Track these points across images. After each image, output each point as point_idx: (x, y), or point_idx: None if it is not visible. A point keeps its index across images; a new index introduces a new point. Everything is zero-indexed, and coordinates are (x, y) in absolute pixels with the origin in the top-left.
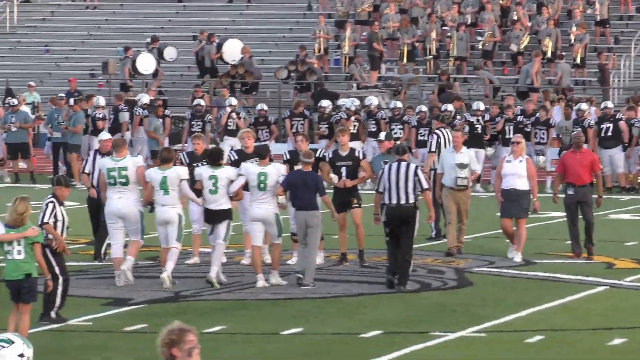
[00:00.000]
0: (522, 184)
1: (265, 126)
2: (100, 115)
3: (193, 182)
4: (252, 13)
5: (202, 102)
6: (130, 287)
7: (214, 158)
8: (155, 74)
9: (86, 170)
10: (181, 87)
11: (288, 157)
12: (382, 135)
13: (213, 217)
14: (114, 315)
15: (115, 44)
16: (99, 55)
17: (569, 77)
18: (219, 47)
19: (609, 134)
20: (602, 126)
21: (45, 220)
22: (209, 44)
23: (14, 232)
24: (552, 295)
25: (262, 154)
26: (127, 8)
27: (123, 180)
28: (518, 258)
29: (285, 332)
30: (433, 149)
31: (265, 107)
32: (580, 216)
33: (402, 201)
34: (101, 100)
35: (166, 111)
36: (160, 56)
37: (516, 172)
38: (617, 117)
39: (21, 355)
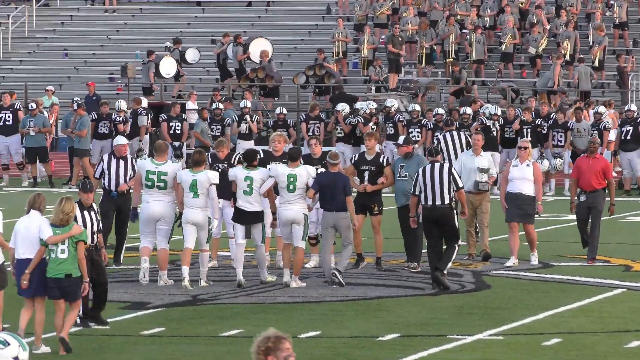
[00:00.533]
0: (529, 189)
1: (284, 129)
2: (121, 119)
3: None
4: (271, 16)
5: (221, 106)
6: (147, 290)
7: (249, 159)
8: (177, 77)
9: (96, 175)
10: (200, 91)
11: (302, 161)
12: (401, 139)
13: (246, 218)
14: (131, 318)
15: (134, 47)
16: (118, 59)
17: (588, 80)
18: (246, 48)
19: (629, 137)
20: (622, 129)
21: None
22: (235, 46)
23: (60, 232)
24: (569, 298)
25: (293, 156)
26: (146, 12)
27: (161, 184)
28: (535, 261)
29: (303, 336)
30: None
31: (285, 111)
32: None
33: (438, 202)
34: (122, 104)
35: (183, 115)
36: (182, 58)
37: (524, 177)
38: (638, 120)
39: (15, 358)
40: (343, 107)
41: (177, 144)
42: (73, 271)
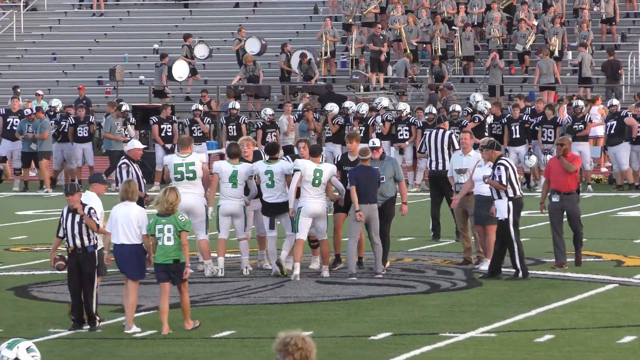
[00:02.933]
0: (489, 190)
1: (273, 129)
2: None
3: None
4: (259, 17)
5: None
6: (139, 293)
7: (271, 152)
8: (194, 72)
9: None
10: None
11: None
12: (377, 142)
13: (273, 209)
14: (123, 321)
15: (123, 50)
16: (106, 62)
17: (589, 67)
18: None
19: (613, 131)
20: (607, 124)
21: (60, 234)
22: (281, 54)
23: (165, 221)
24: (561, 294)
25: (315, 152)
26: (134, 15)
27: (190, 175)
28: (485, 266)
29: None
30: (422, 149)
31: (272, 112)
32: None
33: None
34: (127, 107)
35: (173, 116)
36: (191, 54)
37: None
38: (622, 114)
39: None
40: (332, 108)
41: (169, 146)
42: (180, 256)
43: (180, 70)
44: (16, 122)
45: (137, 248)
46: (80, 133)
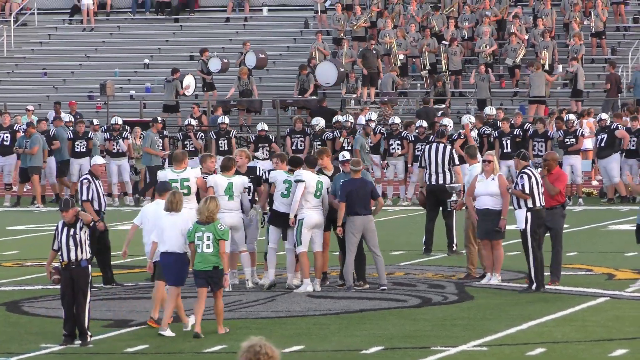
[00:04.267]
0: (495, 204)
1: (266, 144)
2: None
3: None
4: (249, 32)
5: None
6: (130, 308)
7: (295, 164)
8: (211, 87)
9: (85, 198)
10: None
11: (268, 176)
12: (347, 155)
13: (282, 220)
14: (115, 336)
15: (113, 65)
16: (97, 77)
17: (583, 80)
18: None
19: (603, 144)
20: (598, 137)
21: (55, 247)
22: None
23: (205, 229)
24: (553, 308)
25: (313, 163)
26: (124, 30)
27: (185, 190)
28: (495, 280)
29: (287, 350)
30: (423, 164)
31: (266, 127)
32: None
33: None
34: (119, 120)
35: (164, 131)
36: (207, 69)
37: (488, 192)
38: (612, 127)
39: None
40: (317, 122)
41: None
42: (219, 263)
43: (189, 83)
44: (6, 137)
45: (181, 256)
46: (77, 148)
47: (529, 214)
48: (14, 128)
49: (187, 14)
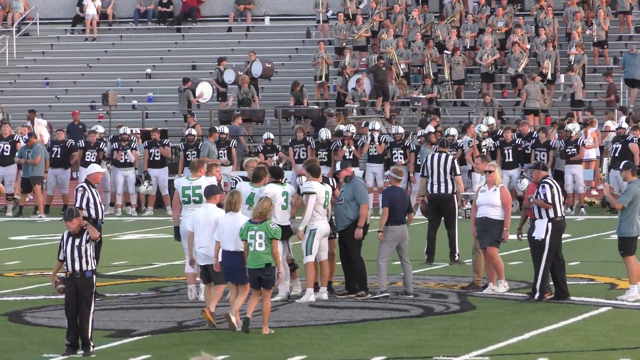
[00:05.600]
0: (495, 214)
1: (273, 153)
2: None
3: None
4: (251, 41)
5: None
6: (133, 318)
7: (278, 175)
8: (225, 97)
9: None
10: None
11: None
12: (338, 164)
13: (286, 233)
14: (117, 346)
15: (115, 75)
16: (99, 87)
17: (580, 90)
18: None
19: (617, 154)
20: (613, 146)
21: (60, 257)
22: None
23: (257, 228)
24: (555, 317)
25: (318, 172)
26: (126, 39)
27: (197, 198)
28: (502, 288)
29: None
30: (425, 173)
31: (272, 136)
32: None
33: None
34: (127, 130)
35: (165, 140)
36: (222, 79)
37: (489, 202)
38: (627, 138)
39: None
40: (322, 133)
41: (156, 170)
42: (271, 261)
43: (203, 91)
44: (7, 147)
45: (243, 255)
46: (88, 158)
47: (549, 224)
48: (14, 138)
49: (189, 23)
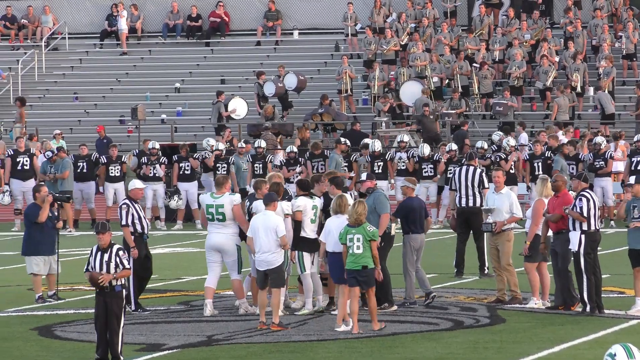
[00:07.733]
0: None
1: (296, 166)
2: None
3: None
4: (280, 55)
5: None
6: (162, 332)
7: (306, 187)
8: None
9: (125, 222)
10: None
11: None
12: (364, 175)
13: (314, 246)
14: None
15: (144, 89)
16: (128, 101)
17: (610, 103)
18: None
19: (639, 167)
20: (632, 159)
21: (89, 268)
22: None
23: (355, 231)
24: (585, 330)
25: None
26: (155, 54)
27: (220, 217)
28: (532, 303)
29: None
30: (453, 186)
31: (295, 149)
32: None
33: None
34: (156, 144)
35: (194, 154)
36: (262, 93)
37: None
38: None
39: None
40: (344, 141)
41: (185, 184)
42: (369, 263)
43: (238, 107)
44: (26, 161)
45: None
46: (112, 172)
47: (583, 236)
48: (31, 151)
49: (218, 38)
